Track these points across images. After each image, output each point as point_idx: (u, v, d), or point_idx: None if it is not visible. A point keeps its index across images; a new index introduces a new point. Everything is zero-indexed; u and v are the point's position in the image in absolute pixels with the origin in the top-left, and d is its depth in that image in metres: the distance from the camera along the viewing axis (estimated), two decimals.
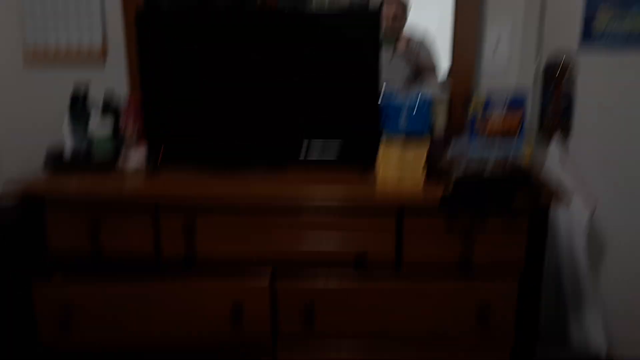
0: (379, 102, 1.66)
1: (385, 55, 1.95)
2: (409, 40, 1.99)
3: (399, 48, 1.95)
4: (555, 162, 1.89)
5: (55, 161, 1.78)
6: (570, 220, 1.85)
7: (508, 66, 1.93)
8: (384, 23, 1.91)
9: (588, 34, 1.87)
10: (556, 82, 1.90)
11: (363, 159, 1.72)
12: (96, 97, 1.84)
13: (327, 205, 1.55)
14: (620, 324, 2.08)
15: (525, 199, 1.48)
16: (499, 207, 1.49)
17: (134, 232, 1.60)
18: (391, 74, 2.00)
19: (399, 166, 1.57)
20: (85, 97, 1.82)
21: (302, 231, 1.57)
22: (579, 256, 1.86)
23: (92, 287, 1.61)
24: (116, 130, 1.84)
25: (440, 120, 1.73)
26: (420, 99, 1.65)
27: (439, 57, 2.06)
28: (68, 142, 1.81)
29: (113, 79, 1.98)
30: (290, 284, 1.60)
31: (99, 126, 1.80)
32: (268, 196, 1.56)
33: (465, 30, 1.85)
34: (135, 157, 1.79)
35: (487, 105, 1.72)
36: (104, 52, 2.02)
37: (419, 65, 1.98)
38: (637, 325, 2.10)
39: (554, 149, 1.91)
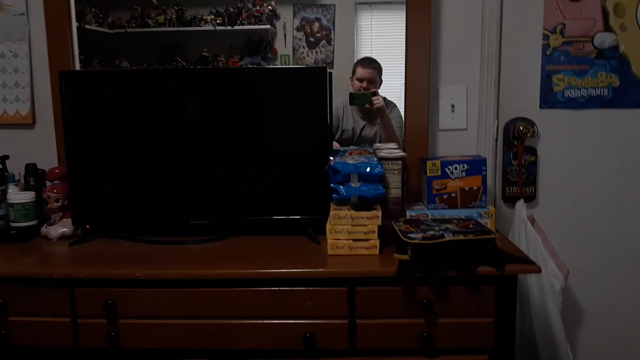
0: (328, 165, 1.53)
1: (359, 113, 1.90)
2: (384, 99, 1.90)
3: (376, 103, 1.84)
4: (522, 225, 1.77)
5: None
6: (543, 286, 1.71)
7: (467, 127, 1.85)
8: (356, 86, 1.86)
9: (547, 97, 1.84)
10: (518, 142, 1.82)
11: (312, 226, 1.59)
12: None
13: (272, 279, 1.37)
14: None
15: (491, 264, 1.33)
16: (462, 274, 1.33)
17: (48, 313, 1.40)
18: (366, 131, 1.91)
19: (351, 231, 1.42)
20: (3, 162, 1.66)
21: (241, 307, 1.37)
22: (554, 323, 1.72)
23: None
24: (39, 199, 1.66)
25: (395, 182, 1.60)
26: (373, 161, 1.53)
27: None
28: None
29: (42, 149, 1.85)
30: None
31: (19, 194, 1.64)
32: (198, 276, 1.37)
33: (418, 92, 1.77)
34: (58, 228, 1.61)
35: (444, 167, 1.61)
36: (33, 121, 1.88)
37: (387, 124, 1.89)
38: None
39: (520, 211, 1.79)
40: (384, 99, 1.85)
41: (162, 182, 1.63)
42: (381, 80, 1.88)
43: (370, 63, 1.88)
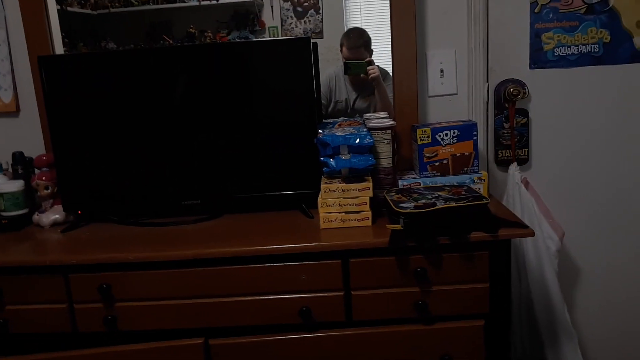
0: (317, 138, 1.51)
1: (351, 84, 1.87)
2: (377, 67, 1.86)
3: (372, 73, 1.81)
4: (516, 189, 1.76)
5: None
6: (539, 249, 1.71)
7: (457, 91, 1.82)
8: (345, 56, 1.82)
9: (537, 57, 1.80)
10: (509, 104, 1.79)
11: (304, 201, 1.58)
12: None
13: (266, 255, 1.36)
14: (598, 352, 1.96)
15: (484, 230, 1.32)
16: (454, 241, 1.32)
17: (44, 300, 1.41)
18: (359, 103, 1.89)
19: (342, 204, 1.41)
20: None
21: (236, 285, 1.37)
22: (550, 285, 1.72)
23: None
24: (29, 187, 1.65)
25: (385, 152, 1.58)
26: (362, 132, 1.51)
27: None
28: None
29: (28, 136, 1.82)
30: (227, 342, 1.39)
31: (8, 183, 1.63)
32: (192, 256, 1.36)
33: (405, 59, 1.73)
34: (50, 215, 1.60)
35: (435, 134, 1.59)
36: (17, 109, 1.85)
37: (382, 94, 1.85)
38: (615, 353, 1.97)
39: (513, 174, 1.78)
40: (377, 67, 1.82)
41: (152, 163, 1.62)
42: (371, 51, 1.84)
43: (356, 40, 1.83)
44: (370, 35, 1.84)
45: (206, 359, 1.38)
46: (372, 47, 1.84)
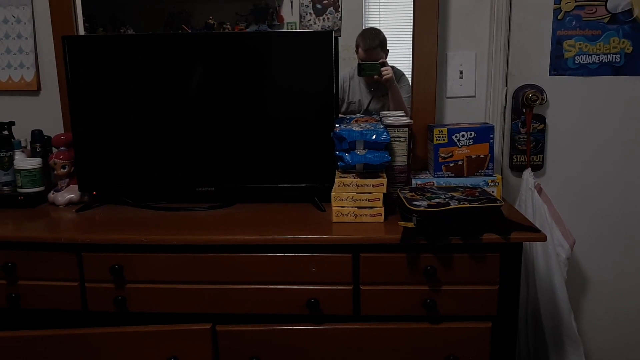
0: (334, 132, 1.51)
1: (366, 85, 1.87)
2: (392, 68, 1.84)
3: (385, 74, 1.81)
4: (529, 194, 1.76)
5: None
6: (549, 255, 1.70)
7: (475, 94, 1.82)
8: (360, 57, 1.83)
9: (557, 64, 1.80)
10: (527, 109, 1.79)
11: (317, 194, 1.59)
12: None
13: (277, 245, 1.37)
14: None
15: (496, 232, 1.32)
16: (466, 241, 1.32)
17: (56, 277, 1.42)
18: (373, 104, 1.88)
19: (356, 199, 1.42)
20: (9, 128, 1.65)
21: (246, 273, 1.38)
22: (558, 292, 1.72)
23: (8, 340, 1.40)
24: (46, 165, 1.67)
25: (401, 150, 1.58)
26: (379, 128, 1.51)
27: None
28: None
29: (47, 115, 1.84)
30: (234, 329, 1.40)
31: (26, 160, 1.65)
32: (204, 242, 1.38)
33: (426, 59, 1.73)
34: (65, 194, 1.62)
35: (451, 134, 1.59)
36: (38, 87, 1.87)
37: (395, 95, 1.85)
38: None
39: (527, 180, 1.78)
40: (393, 67, 1.82)
41: (168, 148, 1.63)
42: (387, 51, 1.84)
43: (372, 41, 1.83)
44: (388, 35, 1.83)
45: (213, 345, 1.39)
46: (389, 47, 1.84)
